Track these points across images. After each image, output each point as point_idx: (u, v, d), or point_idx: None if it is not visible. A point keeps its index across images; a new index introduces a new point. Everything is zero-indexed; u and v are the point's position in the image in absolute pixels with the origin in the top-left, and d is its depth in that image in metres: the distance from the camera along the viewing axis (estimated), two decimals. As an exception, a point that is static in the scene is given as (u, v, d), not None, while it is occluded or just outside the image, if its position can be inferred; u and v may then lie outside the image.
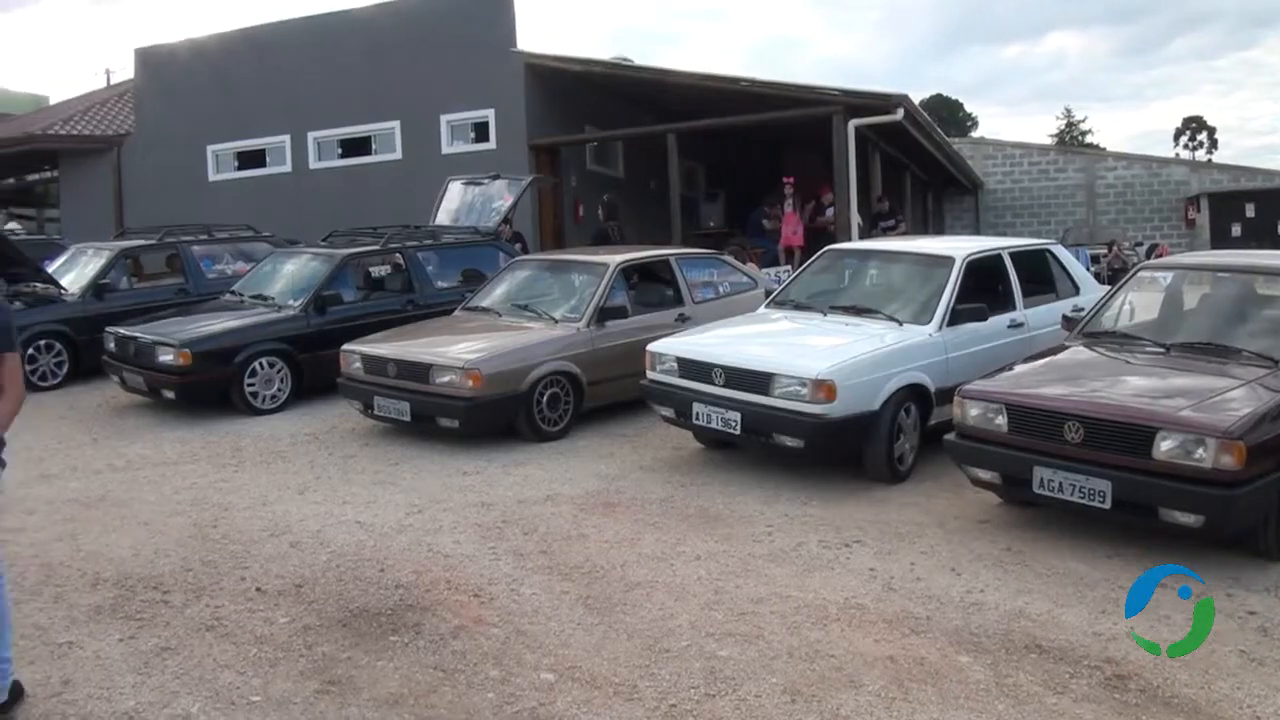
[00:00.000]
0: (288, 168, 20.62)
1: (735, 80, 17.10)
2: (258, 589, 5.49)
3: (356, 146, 20.16)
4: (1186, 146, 72.99)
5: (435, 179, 15.33)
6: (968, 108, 74.49)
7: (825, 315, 8.08)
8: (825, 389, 6.79)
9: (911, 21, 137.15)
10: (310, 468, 8.07)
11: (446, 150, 18.87)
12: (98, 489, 7.62)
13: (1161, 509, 5.38)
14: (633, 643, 4.72)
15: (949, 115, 62.70)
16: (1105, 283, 10.84)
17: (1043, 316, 8.26)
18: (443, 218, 14.04)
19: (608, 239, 14.53)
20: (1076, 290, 8.90)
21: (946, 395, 6.93)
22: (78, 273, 12.83)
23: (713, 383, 7.40)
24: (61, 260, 13.38)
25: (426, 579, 5.56)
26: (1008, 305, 8.25)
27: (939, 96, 68.58)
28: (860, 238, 15.37)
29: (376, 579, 5.59)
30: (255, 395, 10.03)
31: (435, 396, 8.40)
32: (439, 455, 8.29)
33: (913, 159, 22.65)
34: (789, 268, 15.64)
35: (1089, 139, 71.61)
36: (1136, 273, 7.62)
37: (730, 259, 11.83)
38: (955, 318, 7.65)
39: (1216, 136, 75.10)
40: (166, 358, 9.78)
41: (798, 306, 8.49)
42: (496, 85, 18.18)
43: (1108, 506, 5.51)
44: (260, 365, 10.07)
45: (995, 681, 4.28)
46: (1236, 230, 28.99)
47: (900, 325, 7.63)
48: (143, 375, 10.08)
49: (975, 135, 53.47)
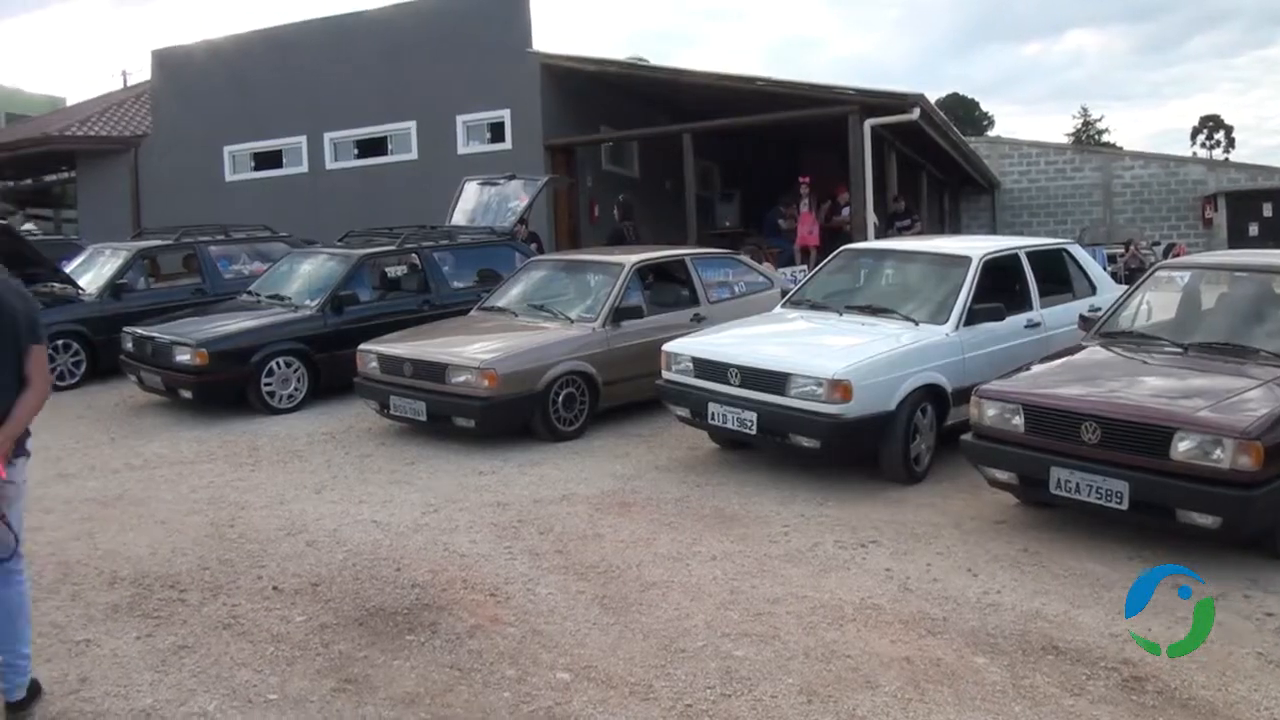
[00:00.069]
0: (304, 168, 20.69)
1: (751, 80, 17.08)
2: (274, 588, 5.51)
3: (373, 147, 20.21)
4: (1204, 145, 72.70)
5: (451, 179, 15.35)
6: (984, 106, 74.48)
7: (841, 315, 8.07)
8: (841, 389, 6.78)
9: (929, 20, 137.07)
10: (327, 467, 8.09)
11: (462, 150, 18.90)
12: (115, 488, 7.66)
13: (1179, 510, 5.35)
14: (648, 643, 4.72)
15: (965, 114, 62.54)
16: (1122, 282, 10.80)
17: (1059, 316, 8.23)
18: (459, 218, 14.07)
19: (623, 239, 14.54)
20: (1093, 290, 8.87)
21: (963, 395, 6.91)
22: (95, 273, 12.89)
23: (728, 383, 7.39)
24: (79, 260, 13.45)
25: (442, 578, 5.57)
26: (1024, 305, 8.22)
27: (955, 95, 68.43)
28: (876, 237, 15.33)
29: (393, 578, 5.60)
30: (272, 395, 10.07)
31: (451, 396, 8.42)
32: (455, 455, 8.31)
33: (929, 158, 22.59)
34: (805, 267, 15.60)
35: (1105, 138, 71.37)
36: (1154, 272, 7.59)
37: (746, 259, 11.81)
38: (972, 317, 7.63)
39: (1234, 135, 74.89)
40: (184, 357, 9.82)
41: (814, 306, 8.47)
42: (512, 85, 18.19)
43: (1125, 507, 5.48)
44: (277, 365, 10.11)
45: (1012, 683, 4.26)
46: (1254, 229, 28.87)
47: (916, 325, 7.61)
48: (160, 375, 10.13)
49: (992, 134, 53.26)
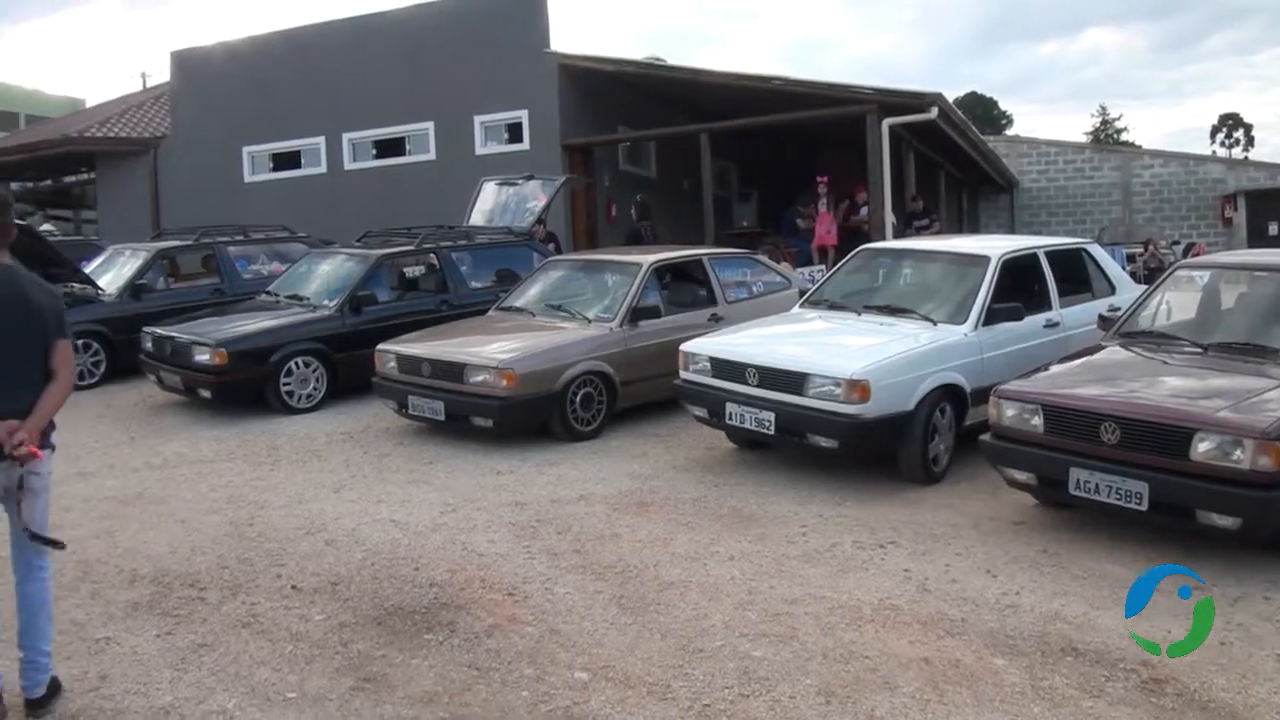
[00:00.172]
0: (323, 169, 20.74)
1: (768, 79, 17.06)
2: (293, 586, 5.53)
3: (391, 147, 20.25)
4: (1223, 144, 72.24)
5: (469, 180, 15.37)
6: (1002, 105, 74.09)
7: (860, 315, 8.05)
8: (860, 389, 6.76)
9: (946, 19, 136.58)
10: (345, 466, 8.11)
11: (480, 151, 18.92)
12: (135, 486, 7.70)
13: (1199, 511, 5.32)
14: (666, 642, 4.72)
15: (983, 113, 62.31)
16: (1141, 282, 10.76)
17: (1078, 316, 8.19)
18: (477, 218, 14.08)
19: (641, 239, 14.54)
20: (1112, 290, 8.83)
21: (982, 395, 6.88)
22: (115, 273, 12.96)
23: (746, 383, 7.38)
24: (99, 261, 13.53)
25: (461, 577, 5.58)
26: (1043, 305, 8.19)
27: (973, 94, 68.16)
28: (895, 237, 15.30)
29: (411, 577, 5.61)
30: (291, 394, 10.10)
31: (469, 396, 8.43)
32: (473, 454, 8.32)
33: (947, 158, 22.53)
34: (823, 267, 15.60)
35: (1124, 137, 70.97)
36: (1173, 272, 7.55)
37: (764, 258, 11.79)
38: (991, 317, 7.60)
39: (1253, 134, 74.36)
40: (203, 357, 9.87)
41: (832, 306, 8.45)
42: (530, 86, 18.21)
43: (1145, 508, 5.45)
44: (296, 365, 10.14)
45: (1031, 684, 4.25)
46: (1274, 229, 28.71)
47: (935, 325, 7.59)
48: (179, 374, 10.18)
49: (1010, 133, 53.05)
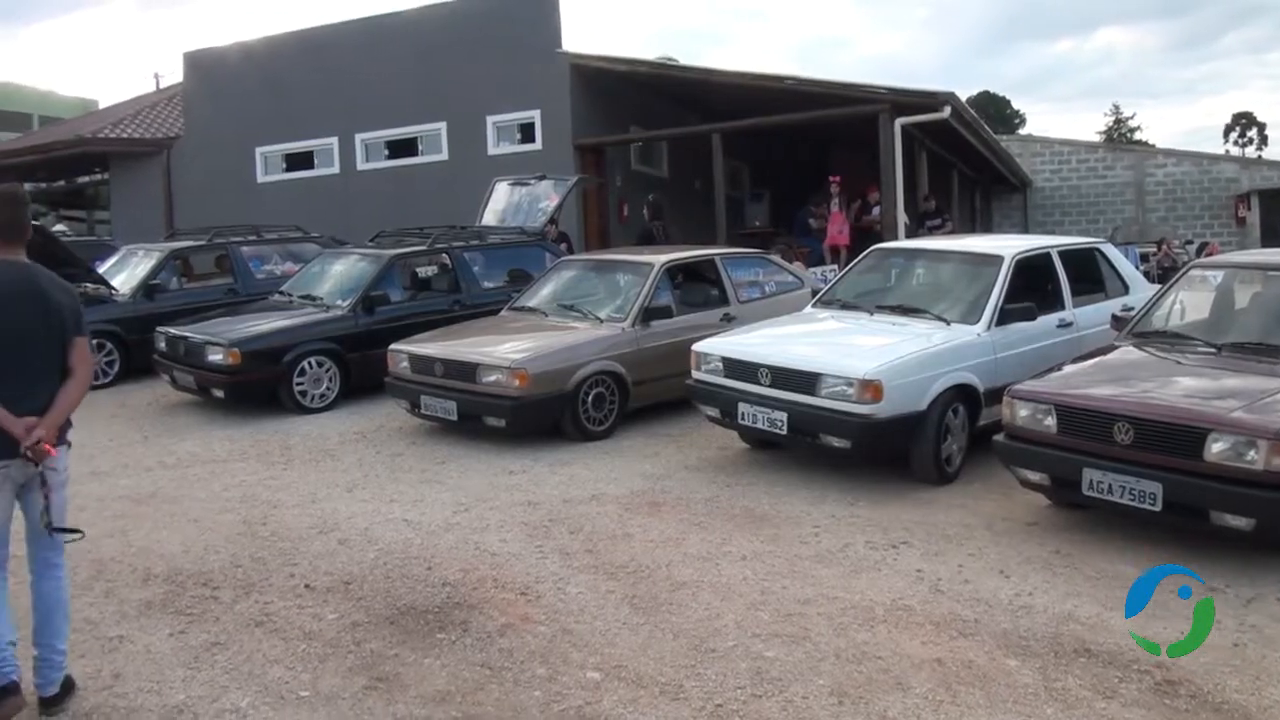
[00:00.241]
0: (336, 169, 20.78)
1: (780, 79, 17.04)
2: (306, 586, 5.54)
3: (403, 148, 20.28)
4: (1236, 143, 71.87)
5: (481, 180, 15.38)
6: (1015, 104, 73.80)
7: (872, 315, 8.04)
8: (872, 389, 6.75)
9: (958, 19, 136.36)
10: (358, 466, 8.13)
11: (492, 151, 18.94)
12: (148, 486, 7.73)
13: (1212, 511, 5.30)
14: (678, 642, 4.72)
15: (996, 112, 62.12)
16: (1155, 282, 10.72)
17: (1092, 316, 8.17)
18: (489, 218, 14.09)
19: (653, 239, 14.55)
20: (1126, 289, 8.80)
21: (995, 396, 6.88)
22: (128, 273, 13.01)
23: (759, 383, 7.37)
24: (112, 261, 13.58)
25: (473, 577, 5.59)
26: (1057, 305, 8.17)
27: (986, 93, 67.95)
28: (907, 236, 15.27)
29: (424, 577, 5.62)
30: (304, 394, 10.13)
31: (482, 396, 8.44)
32: (485, 454, 8.33)
33: (960, 157, 22.46)
34: (835, 267, 15.57)
35: (1137, 136, 70.65)
36: (1187, 271, 7.52)
37: (776, 258, 11.79)
38: (1004, 317, 7.58)
39: (1266, 133, 73.94)
40: (216, 357, 9.90)
41: (844, 306, 8.44)
42: (542, 86, 18.22)
43: (1158, 509, 5.44)
44: (309, 364, 10.17)
45: (1044, 685, 4.24)
46: (1287, 228, 28.55)
47: (948, 325, 7.58)
48: (193, 374, 10.21)
49: (1023, 133, 52.92)
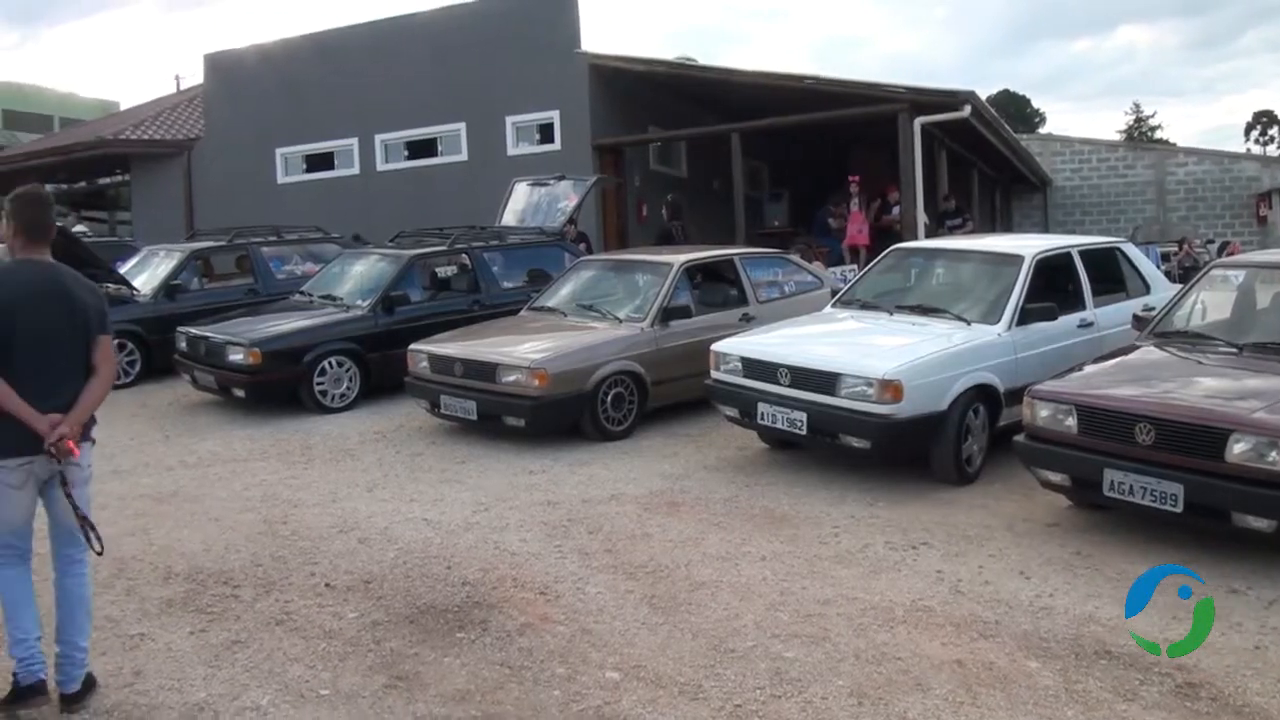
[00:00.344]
0: (355, 170, 20.86)
1: (800, 79, 17.02)
2: (327, 584, 5.56)
3: (423, 148, 20.34)
4: (1257, 141, 71.40)
5: (501, 180, 15.42)
6: (1035, 104, 73.53)
7: (892, 315, 8.02)
8: (892, 389, 6.74)
9: (977, 18, 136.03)
10: (378, 465, 8.16)
11: (512, 151, 18.97)
12: (169, 485, 7.77)
13: (1234, 513, 5.27)
14: (698, 642, 4.72)
15: (1016, 111, 61.90)
16: (1176, 281, 10.67)
17: (1112, 316, 8.13)
18: (508, 218, 14.12)
19: (671, 239, 14.56)
20: (1147, 289, 8.76)
21: (1015, 396, 6.85)
22: (150, 274, 13.05)
23: (778, 383, 7.36)
24: (134, 262, 13.65)
25: (493, 576, 5.60)
26: (1077, 304, 8.13)
27: (1006, 92, 67.75)
28: (926, 236, 15.24)
29: (444, 576, 5.64)
30: (324, 394, 10.16)
31: (501, 395, 8.46)
32: (505, 454, 8.34)
33: (980, 156, 22.39)
34: (854, 267, 15.55)
35: (1158, 134, 70.26)
36: (1208, 271, 7.48)
37: (795, 258, 11.77)
38: (1024, 317, 7.55)
39: (1287, 131, 73.38)
40: (237, 357, 9.94)
41: (864, 306, 8.43)
42: (561, 86, 18.24)
43: (1179, 510, 5.40)
44: (329, 364, 10.20)
45: (1065, 687, 4.22)
46: (1309, 227, 28.40)
47: (968, 325, 7.56)
48: (214, 374, 10.26)
49: (1043, 132, 52.73)
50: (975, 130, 17.69)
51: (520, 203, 14.39)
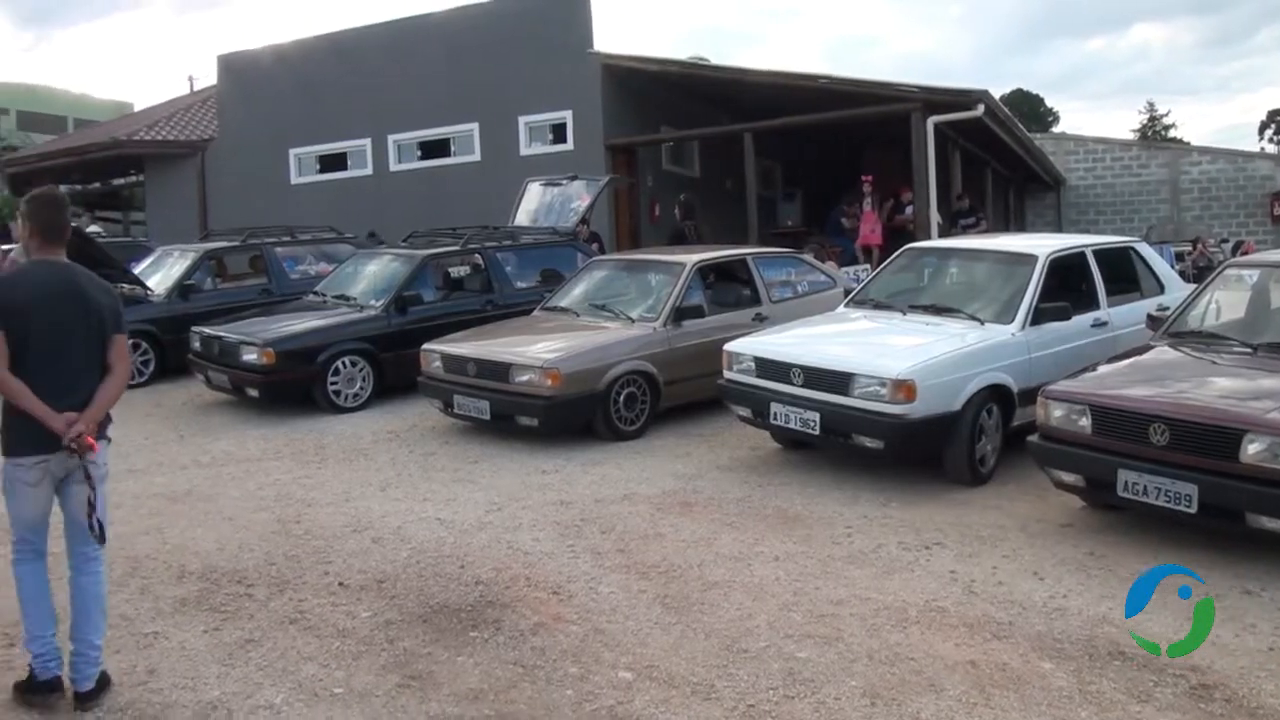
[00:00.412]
0: (369, 170, 20.90)
1: (813, 78, 17.00)
2: (340, 584, 5.58)
3: (436, 149, 20.37)
4: (1271, 140, 70.95)
5: (514, 180, 15.42)
6: (1049, 102, 73.09)
7: (905, 315, 8.01)
8: (905, 389, 6.73)
9: (991, 16, 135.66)
10: (391, 465, 8.18)
11: (525, 152, 18.99)
12: (183, 484, 7.80)
13: (1248, 514, 5.25)
14: (710, 643, 4.72)
15: (1030, 110, 61.63)
16: (1190, 281, 10.63)
17: (1126, 316, 8.10)
18: (521, 218, 14.13)
19: (684, 238, 14.54)
20: (1161, 289, 8.72)
21: (1029, 396, 6.84)
22: (164, 274, 13.10)
23: (791, 383, 7.36)
24: (148, 262, 13.69)
25: (506, 576, 5.61)
26: (1091, 304, 8.11)
27: (1019, 91, 67.43)
28: (940, 236, 15.20)
29: (457, 575, 5.65)
30: (338, 394, 10.18)
31: (514, 395, 8.47)
32: (518, 454, 8.36)
33: (993, 155, 22.33)
34: (868, 267, 15.52)
35: (1172, 133, 69.89)
36: (1222, 271, 7.45)
37: (808, 258, 11.76)
38: (1038, 317, 7.53)
39: (1301, 130, 72.95)
40: (251, 357, 9.97)
41: (877, 306, 8.42)
42: (574, 86, 18.26)
43: (1194, 510, 5.39)
44: (342, 364, 10.22)
45: (1078, 688, 4.21)
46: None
47: (982, 325, 7.54)
48: (227, 374, 10.30)
49: (1057, 130, 52.61)
50: (989, 129, 17.64)
51: (533, 203, 14.40)
